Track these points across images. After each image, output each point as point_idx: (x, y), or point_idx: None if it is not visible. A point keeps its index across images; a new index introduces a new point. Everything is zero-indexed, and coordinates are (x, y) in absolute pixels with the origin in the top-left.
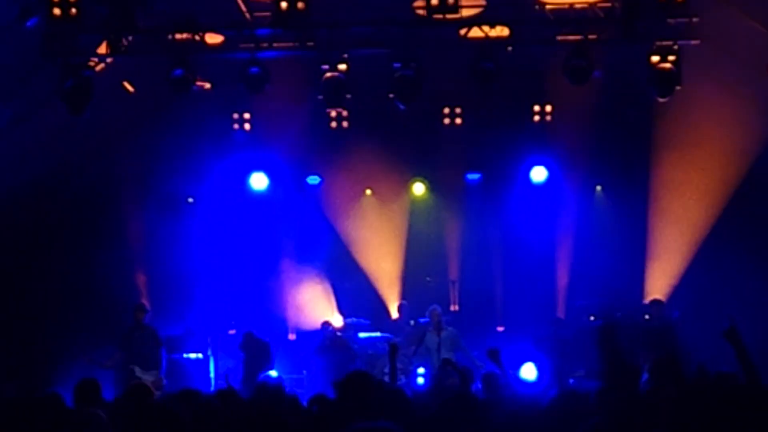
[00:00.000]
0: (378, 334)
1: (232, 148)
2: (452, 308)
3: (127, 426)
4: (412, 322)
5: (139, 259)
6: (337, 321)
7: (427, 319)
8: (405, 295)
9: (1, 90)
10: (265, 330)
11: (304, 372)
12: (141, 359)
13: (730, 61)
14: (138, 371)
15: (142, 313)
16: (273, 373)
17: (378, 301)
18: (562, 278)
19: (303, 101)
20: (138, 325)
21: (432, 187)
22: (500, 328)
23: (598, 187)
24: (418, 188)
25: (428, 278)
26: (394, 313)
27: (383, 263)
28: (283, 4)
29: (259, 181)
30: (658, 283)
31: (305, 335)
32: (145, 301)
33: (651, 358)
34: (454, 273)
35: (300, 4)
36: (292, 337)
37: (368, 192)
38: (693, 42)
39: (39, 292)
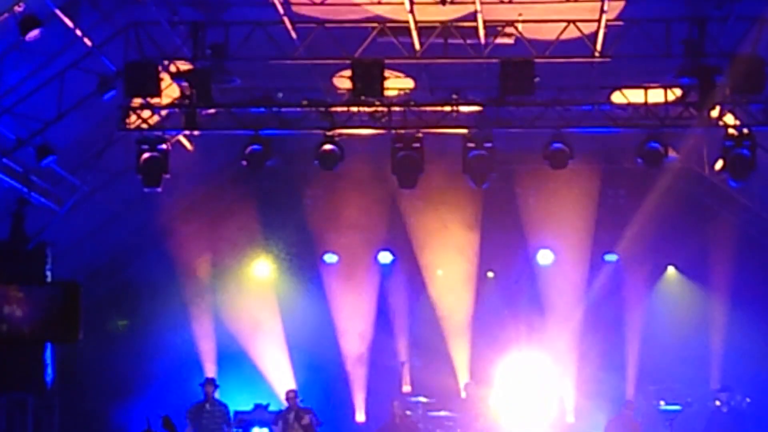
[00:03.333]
0: (443, 413)
1: (302, 222)
2: None
3: None
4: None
5: (209, 333)
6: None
7: None
8: (473, 375)
9: (79, 163)
10: (330, 409)
11: None
12: None
13: None
14: None
15: (212, 388)
16: None
17: (448, 380)
18: (632, 360)
19: (375, 179)
20: (208, 399)
21: (501, 265)
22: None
23: (670, 269)
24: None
25: None
26: (463, 393)
27: (451, 342)
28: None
29: (330, 258)
30: (727, 367)
31: (374, 415)
32: (214, 376)
33: None
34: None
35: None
36: (360, 419)
37: (439, 272)
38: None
39: (111, 361)
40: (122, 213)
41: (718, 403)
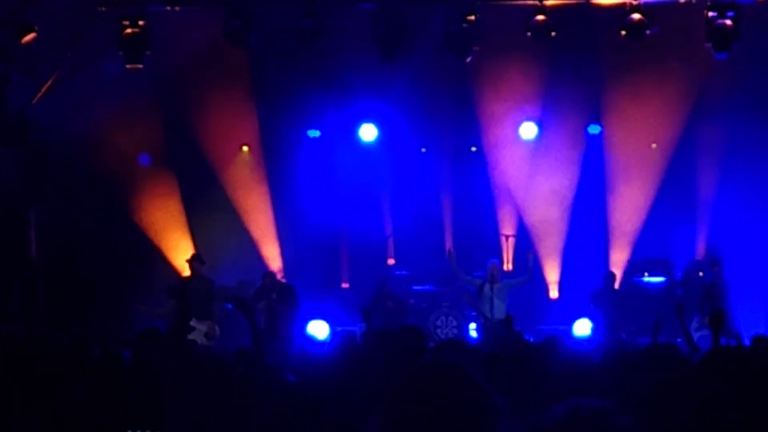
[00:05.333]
0: (429, 287)
1: (287, 102)
2: (506, 267)
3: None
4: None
5: (193, 209)
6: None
7: (481, 273)
8: (457, 247)
9: (60, 39)
10: (319, 279)
11: None
12: (195, 309)
13: None
14: (192, 321)
15: (198, 263)
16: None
17: (432, 254)
18: (616, 232)
19: (358, 54)
20: (194, 274)
21: (484, 140)
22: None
23: (653, 145)
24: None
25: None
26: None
27: (435, 217)
28: None
29: (313, 132)
30: (711, 239)
31: (360, 284)
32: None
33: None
34: (508, 228)
35: None
36: (345, 285)
37: (423, 150)
38: None
39: (93, 240)
40: (105, 91)
41: (701, 273)
